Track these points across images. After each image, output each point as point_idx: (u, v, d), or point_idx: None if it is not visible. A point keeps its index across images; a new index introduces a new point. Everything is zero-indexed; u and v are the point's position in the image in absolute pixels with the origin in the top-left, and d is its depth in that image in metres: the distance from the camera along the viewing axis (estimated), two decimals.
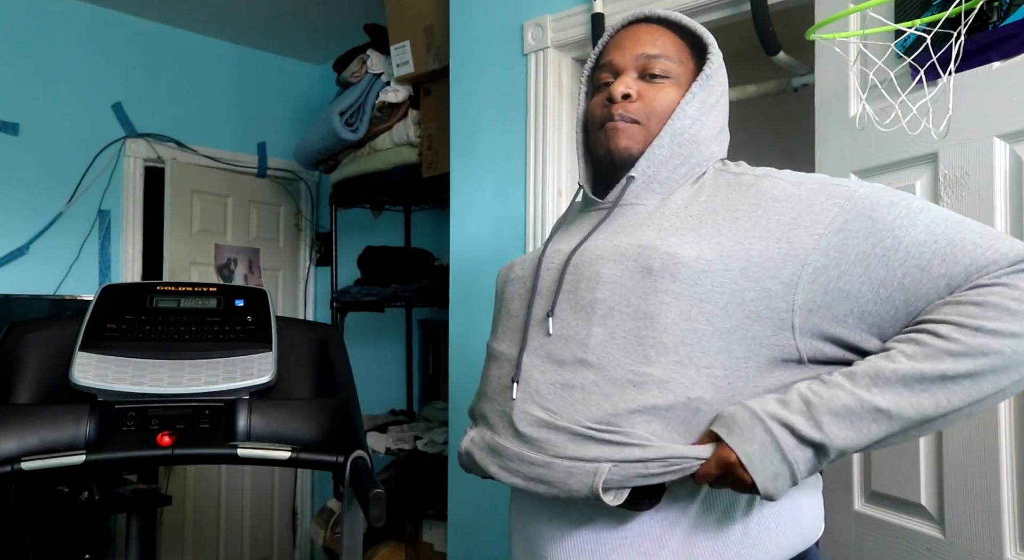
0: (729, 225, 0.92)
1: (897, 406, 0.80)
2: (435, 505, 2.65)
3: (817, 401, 0.82)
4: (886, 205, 0.87)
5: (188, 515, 3.27)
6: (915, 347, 0.81)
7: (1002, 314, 0.79)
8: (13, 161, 2.90)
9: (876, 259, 0.86)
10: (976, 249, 0.83)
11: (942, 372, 0.79)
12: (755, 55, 1.78)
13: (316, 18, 3.27)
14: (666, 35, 1.03)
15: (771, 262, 0.88)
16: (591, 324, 0.91)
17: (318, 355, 1.54)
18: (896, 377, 0.80)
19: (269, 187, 3.64)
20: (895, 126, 1.21)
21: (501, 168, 2.11)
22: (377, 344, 3.44)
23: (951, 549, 1.17)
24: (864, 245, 0.86)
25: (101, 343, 1.37)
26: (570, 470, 0.87)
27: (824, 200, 0.89)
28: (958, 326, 0.80)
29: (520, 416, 0.92)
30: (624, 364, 0.88)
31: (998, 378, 0.79)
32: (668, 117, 0.99)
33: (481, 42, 2.18)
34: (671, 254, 0.89)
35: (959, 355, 0.79)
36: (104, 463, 1.23)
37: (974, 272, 0.83)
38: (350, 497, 1.30)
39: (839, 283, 0.86)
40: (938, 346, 0.80)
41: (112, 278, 3.12)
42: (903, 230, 0.86)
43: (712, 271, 0.88)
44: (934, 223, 0.86)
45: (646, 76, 1.01)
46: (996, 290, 0.80)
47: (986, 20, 1.15)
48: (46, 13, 2.98)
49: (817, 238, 0.87)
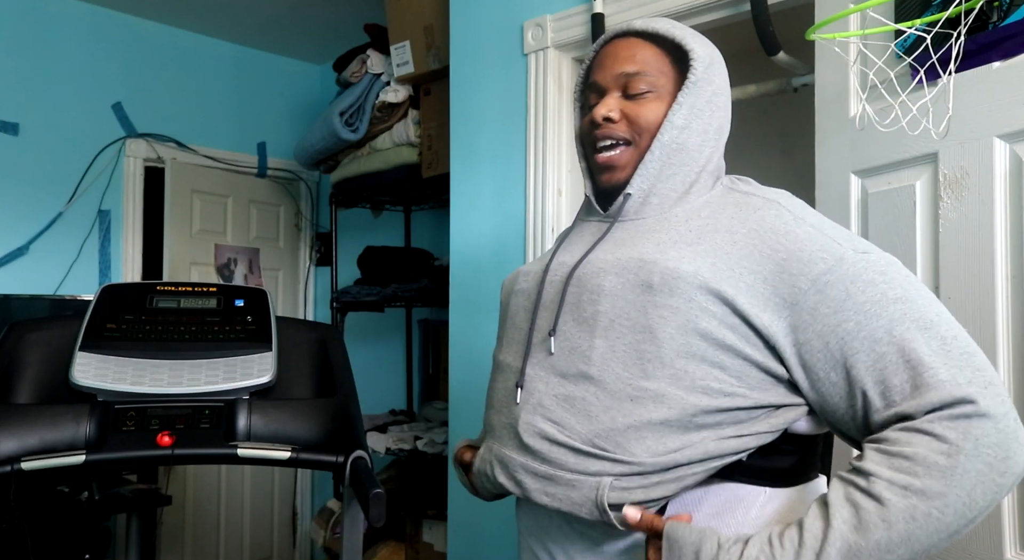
0: (726, 247, 0.91)
1: None
2: (435, 505, 2.65)
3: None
4: (866, 281, 0.86)
5: (188, 515, 3.27)
6: (851, 513, 0.79)
7: (932, 471, 0.77)
8: (13, 161, 2.90)
9: (836, 339, 0.85)
10: (919, 368, 0.81)
11: (876, 542, 0.77)
12: (755, 55, 1.78)
13: (316, 18, 3.27)
14: (646, 48, 1.00)
15: (757, 299, 0.88)
16: (593, 336, 0.92)
17: (318, 355, 1.54)
18: (836, 552, 0.78)
19: (269, 187, 3.64)
20: (895, 126, 1.21)
21: (501, 168, 2.11)
22: (377, 344, 3.44)
23: (951, 549, 1.17)
24: (831, 319, 0.85)
25: (101, 343, 1.37)
26: (572, 482, 0.89)
27: (816, 251, 0.88)
28: (889, 483, 0.78)
29: (524, 427, 0.94)
30: (624, 378, 0.89)
31: (928, 538, 0.78)
32: (656, 131, 0.98)
33: (481, 42, 2.18)
34: (671, 269, 0.89)
35: (891, 523, 0.77)
36: (104, 463, 1.24)
37: (908, 395, 0.81)
38: (350, 497, 1.30)
39: (801, 350, 0.87)
40: (872, 512, 0.78)
41: (112, 278, 3.12)
42: (867, 318, 0.84)
43: (708, 289, 0.88)
44: (900, 322, 0.83)
45: (628, 94, 1.00)
46: (926, 441, 0.78)
47: (986, 20, 1.15)
48: (46, 13, 2.99)
49: (798, 292, 0.87)
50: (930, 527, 0.77)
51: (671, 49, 1.00)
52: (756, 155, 2.63)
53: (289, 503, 3.66)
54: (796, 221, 0.91)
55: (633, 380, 0.89)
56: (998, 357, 1.12)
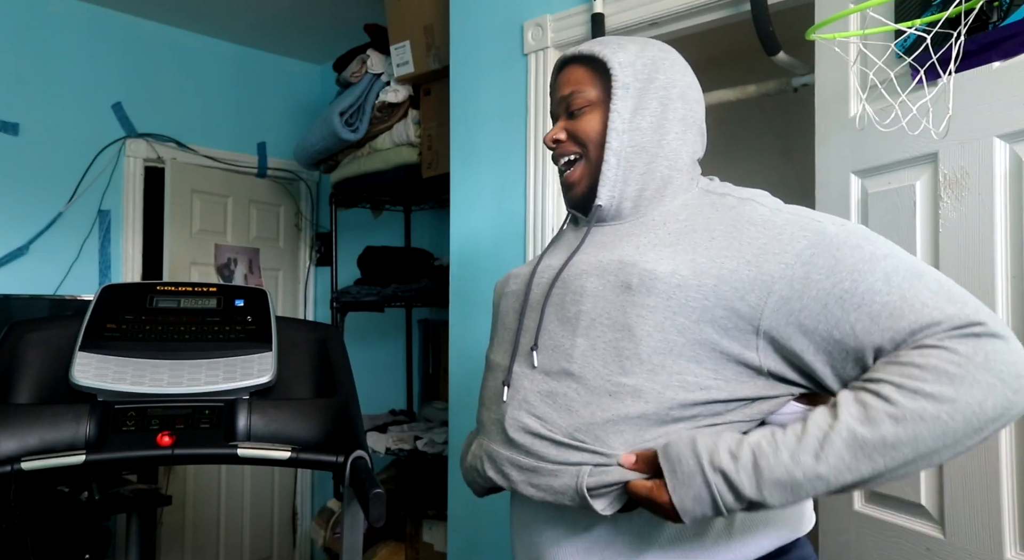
0: (705, 243, 0.95)
1: (837, 471, 0.82)
2: (435, 505, 2.65)
3: (765, 465, 0.83)
4: (852, 246, 0.89)
5: (188, 515, 3.27)
6: (859, 409, 0.82)
7: (941, 378, 0.80)
8: (13, 161, 2.90)
9: (834, 300, 0.87)
10: (924, 309, 0.84)
11: (882, 437, 0.80)
12: (755, 55, 1.78)
13: (316, 18, 3.27)
14: (577, 70, 1.07)
15: (740, 283, 0.91)
16: (575, 335, 0.96)
17: (318, 355, 1.54)
18: (841, 442, 0.81)
19: (269, 187, 3.64)
20: (895, 126, 1.21)
21: (501, 168, 2.11)
22: (377, 344, 3.44)
23: (951, 549, 1.17)
24: (825, 283, 0.88)
25: (101, 343, 1.37)
26: (555, 472, 0.93)
27: (796, 230, 0.91)
28: (899, 388, 0.81)
29: (510, 423, 0.98)
30: (603, 374, 0.93)
31: (935, 442, 0.80)
32: (602, 140, 1.03)
33: (481, 42, 2.18)
34: (649, 271, 0.93)
35: (899, 419, 0.80)
36: (104, 463, 1.23)
37: (917, 330, 0.84)
38: (350, 497, 1.30)
39: (799, 317, 0.89)
40: (880, 409, 0.81)
41: (112, 278, 3.12)
42: (862, 275, 0.87)
43: (686, 286, 0.92)
44: (894, 272, 0.87)
45: (570, 114, 1.08)
46: (937, 353, 0.81)
47: (986, 20, 1.15)
48: (46, 13, 2.99)
49: (784, 267, 0.89)
50: (938, 430, 0.79)
51: (598, 65, 1.06)
52: (756, 155, 2.63)
53: (289, 503, 3.66)
54: (773, 212, 0.95)
55: (612, 376, 0.92)
56: None
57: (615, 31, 1.89)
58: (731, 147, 2.69)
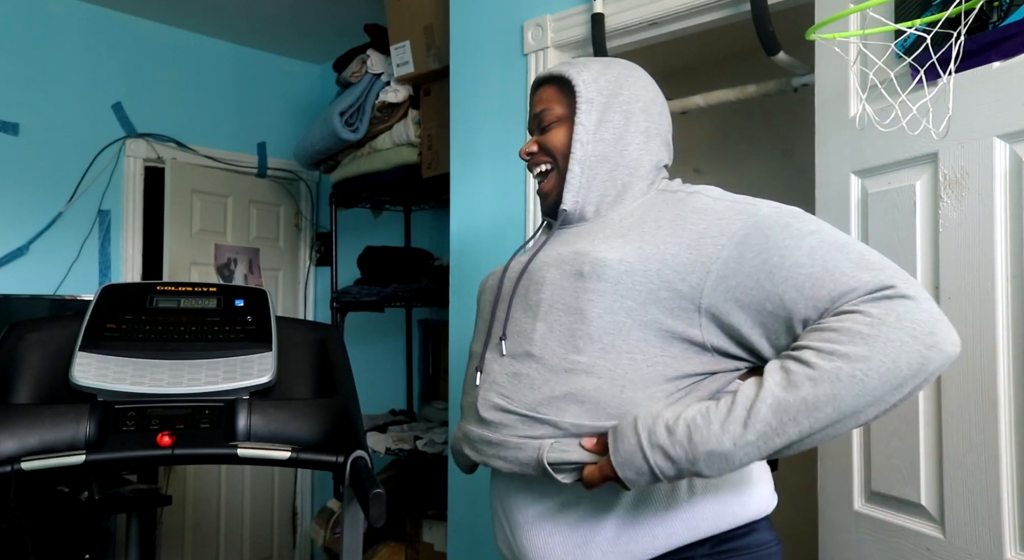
0: (652, 232, 1.03)
1: (766, 437, 0.88)
2: (435, 505, 2.65)
3: (698, 438, 0.90)
4: (781, 225, 0.96)
5: (188, 515, 3.27)
6: (782, 375, 0.89)
7: (855, 338, 0.86)
8: (13, 161, 2.90)
9: (764, 275, 0.94)
10: (842, 277, 0.90)
11: (802, 399, 0.87)
12: (755, 55, 1.78)
13: (316, 18, 3.27)
14: (547, 90, 1.18)
15: (682, 266, 0.99)
16: (536, 321, 1.06)
17: (318, 355, 1.54)
18: (766, 408, 0.88)
19: (269, 187, 3.64)
20: (895, 126, 1.21)
21: (501, 168, 2.11)
22: (377, 344, 3.44)
23: (951, 549, 1.17)
24: (756, 260, 0.95)
25: (101, 343, 1.37)
26: (520, 446, 1.02)
27: (732, 215, 1.00)
28: (817, 351, 0.88)
29: (482, 403, 1.08)
30: (559, 354, 1.02)
31: (854, 400, 0.86)
32: (569, 152, 1.13)
33: (481, 42, 2.18)
34: (599, 259, 1.03)
35: (817, 381, 0.86)
36: (104, 463, 1.23)
37: (836, 298, 0.90)
38: (350, 497, 1.30)
39: (735, 293, 0.96)
40: (799, 372, 0.88)
41: (112, 278, 3.12)
42: (789, 250, 0.94)
43: (633, 271, 1.00)
44: (819, 246, 0.93)
45: (542, 129, 1.18)
46: (852, 317, 0.88)
47: (986, 20, 1.15)
48: (46, 13, 2.99)
49: (720, 248, 0.97)
50: (855, 388, 0.86)
51: (565, 83, 1.16)
52: (756, 155, 2.63)
53: (289, 503, 3.66)
54: (714, 201, 1.04)
55: (567, 355, 1.02)
56: (998, 357, 1.12)
57: (615, 31, 1.89)
58: (731, 147, 2.69)
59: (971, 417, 1.15)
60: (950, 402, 1.18)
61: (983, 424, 1.14)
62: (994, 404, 1.12)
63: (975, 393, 1.14)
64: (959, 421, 1.17)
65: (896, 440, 1.27)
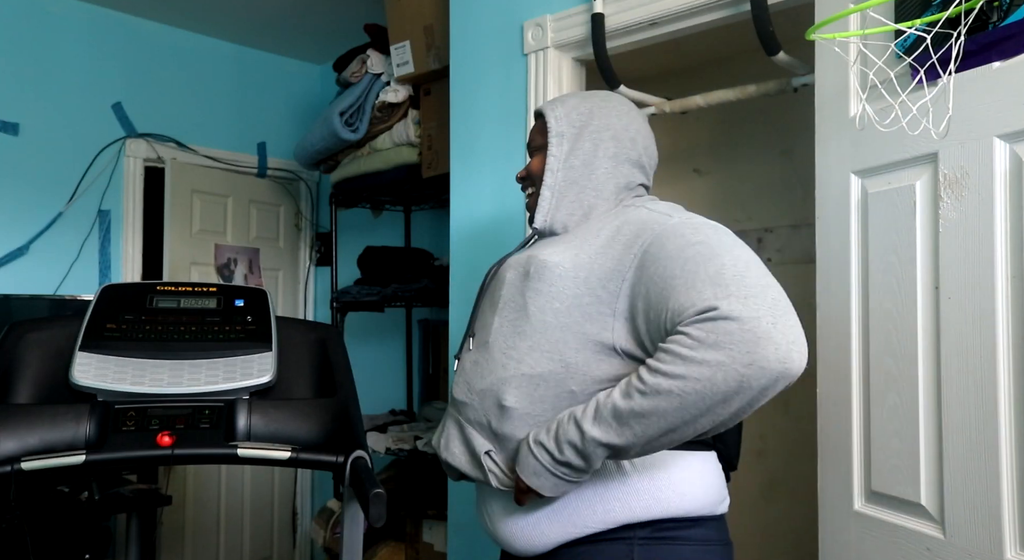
0: (591, 241, 1.16)
1: (607, 435, 1.02)
2: (435, 505, 2.65)
3: (562, 433, 1.07)
4: (677, 235, 1.06)
5: (188, 515, 3.27)
6: (625, 385, 1.02)
7: (675, 359, 0.97)
8: (13, 161, 2.90)
9: (654, 284, 1.05)
10: (688, 293, 0.99)
11: (631, 408, 1.00)
12: (755, 55, 1.78)
13: (316, 18, 3.27)
14: (536, 122, 1.35)
15: (605, 274, 1.11)
16: (494, 315, 1.22)
17: (318, 355, 1.54)
18: (608, 412, 1.02)
19: (269, 187, 3.64)
20: (895, 126, 1.21)
21: (501, 168, 2.11)
22: (377, 344, 3.44)
23: (951, 549, 1.17)
24: (651, 269, 1.06)
25: (101, 343, 1.37)
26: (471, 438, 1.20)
27: (651, 225, 1.10)
28: (648, 368, 1.00)
29: (456, 389, 1.26)
30: (504, 345, 1.18)
31: (676, 413, 0.97)
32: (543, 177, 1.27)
33: (481, 42, 2.18)
34: (542, 261, 1.16)
35: (643, 393, 0.99)
36: (104, 463, 1.23)
37: (676, 312, 1.00)
38: (350, 497, 1.30)
39: (637, 299, 1.07)
40: (634, 384, 1.01)
41: (112, 278, 3.12)
42: (671, 260, 1.04)
43: (565, 276, 1.14)
44: (692, 258, 1.02)
45: (529, 156, 1.35)
46: (678, 338, 0.98)
47: (986, 20, 1.15)
48: (46, 13, 2.99)
49: (633, 257, 1.09)
50: (675, 402, 0.96)
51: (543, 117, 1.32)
52: (756, 155, 2.63)
53: (289, 503, 3.66)
54: (648, 212, 1.15)
55: (508, 348, 1.17)
56: (998, 357, 1.12)
57: (615, 31, 1.89)
58: (731, 147, 2.68)
59: (971, 417, 1.15)
60: (950, 402, 1.18)
61: (983, 424, 1.13)
62: (994, 404, 1.12)
63: (975, 393, 1.14)
64: (959, 421, 1.17)
65: (896, 440, 1.26)
